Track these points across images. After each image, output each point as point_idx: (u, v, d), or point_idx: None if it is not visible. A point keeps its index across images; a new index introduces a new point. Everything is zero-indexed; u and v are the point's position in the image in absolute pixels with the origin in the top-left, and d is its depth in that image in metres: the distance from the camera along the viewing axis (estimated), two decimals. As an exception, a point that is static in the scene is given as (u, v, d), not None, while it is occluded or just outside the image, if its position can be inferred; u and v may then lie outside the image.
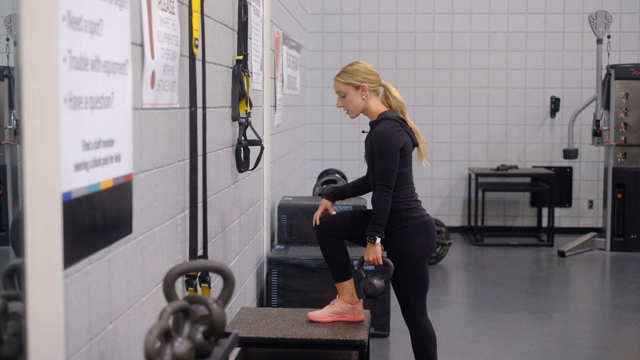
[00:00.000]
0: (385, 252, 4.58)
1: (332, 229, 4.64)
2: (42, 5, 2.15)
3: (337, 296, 4.68)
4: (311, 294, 5.98)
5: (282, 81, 7.54)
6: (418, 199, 4.61)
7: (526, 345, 6.02)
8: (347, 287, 4.66)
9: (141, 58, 3.13)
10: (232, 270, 2.68)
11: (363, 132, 4.80)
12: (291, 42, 8.33)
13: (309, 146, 10.65)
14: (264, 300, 6.27)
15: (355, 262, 5.84)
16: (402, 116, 4.56)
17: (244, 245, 5.51)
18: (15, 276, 2.39)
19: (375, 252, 4.44)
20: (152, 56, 3.24)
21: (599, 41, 9.57)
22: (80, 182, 2.45)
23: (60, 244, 2.28)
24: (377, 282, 4.53)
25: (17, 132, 3.79)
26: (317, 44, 10.74)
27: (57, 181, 2.26)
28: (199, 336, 2.49)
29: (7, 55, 3.81)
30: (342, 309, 4.63)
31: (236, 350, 4.77)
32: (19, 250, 2.13)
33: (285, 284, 6.10)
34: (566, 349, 5.97)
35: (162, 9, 3.37)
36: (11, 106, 3.89)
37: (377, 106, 4.56)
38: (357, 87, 4.52)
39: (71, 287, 2.43)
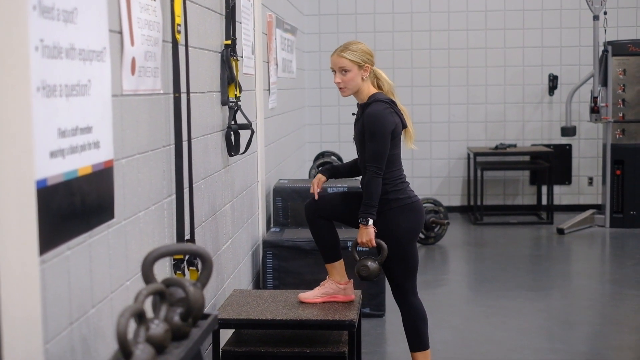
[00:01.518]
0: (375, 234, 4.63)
1: (322, 211, 4.68)
2: (10, -5, 2.18)
3: (328, 277, 4.71)
4: (306, 275, 6.02)
5: (276, 64, 7.56)
6: (406, 180, 4.64)
7: (521, 323, 6.05)
8: (338, 267, 4.70)
9: (120, 45, 3.16)
10: (209, 253, 2.72)
11: (353, 114, 4.82)
12: (285, 25, 8.34)
13: (307, 129, 10.66)
14: (260, 282, 6.31)
15: (349, 244, 5.88)
16: (392, 98, 4.58)
17: (238, 229, 5.55)
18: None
19: (369, 233, 4.47)
20: (132, 43, 3.26)
21: (596, 18, 9.57)
22: (56, 169, 2.48)
23: (36, 231, 2.32)
24: (371, 264, 4.55)
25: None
26: (313, 27, 10.75)
27: (31, 169, 2.29)
28: (176, 318, 2.53)
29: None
30: (332, 290, 4.67)
31: (230, 332, 4.82)
32: None
33: (280, 266, 6.14)
34: (561, 326, 6.01)
35: (141, -4, 3.39)
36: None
37: (369, 88, 4.58)
38: (360, 67, 4.54)
39: (49, 273, 2.47)
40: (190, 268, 3.86)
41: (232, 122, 5.08)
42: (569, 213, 10.41)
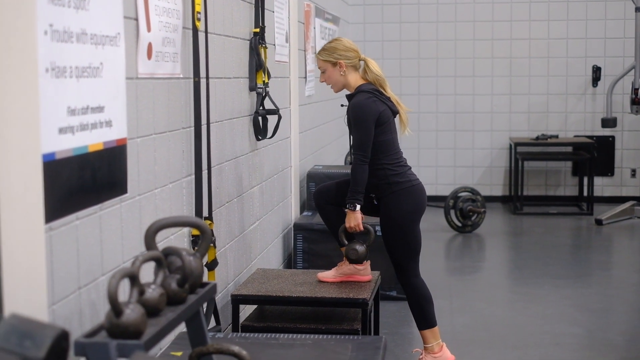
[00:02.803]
0: (379, 218, 4.82)
1: (329, 197, 4.89)
2: (18, -17, 2.39)
3: (344, 258, 4.89)
4: (334, 258, 6.15)
5: (314, 53, 7.72)
6: (406, 164, 4.80)
7: (544, 309, 6.16)
8: (352, 249, 4.88)
9: (136, 31, 3.36)
10: (206, 225, 2.90)
11: (342, 105, 5.06)
12: (326, 14, 8.51)
13: (350, 117, 10.79)
14: (291, 264, 6.51)
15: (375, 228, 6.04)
16: (379, 88, 4.74)
17: (267, 211, 5.75)
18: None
19: (356, 218, 4.69)
20: (148, 29, 3.47)
21: (638, 9, 9.55)
22: (65, 145, 2.69)
23: (41, 200, 2.52)
24: (360, 248, 4.79)
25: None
26: (358, 17, 10.89)
27: (37, 143, 2.50)
28: (173, 284, 2.72)
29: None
30: (349, 270, 4.84)
31: (252, 308, 5.02)
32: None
33: (310, 248, 6.33)
34: (583, 312, 6.09)
35: (160, -15, 3.59)
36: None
37: (356, 80, 4.78)
38: (334, 64, 4.75)
39: (56, 239, 2.67)
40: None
41: (260, 108, 5.27)
42: (611, 205, 10.36)
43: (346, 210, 4.70)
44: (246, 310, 5.07)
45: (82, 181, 2.84)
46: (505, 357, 5.19)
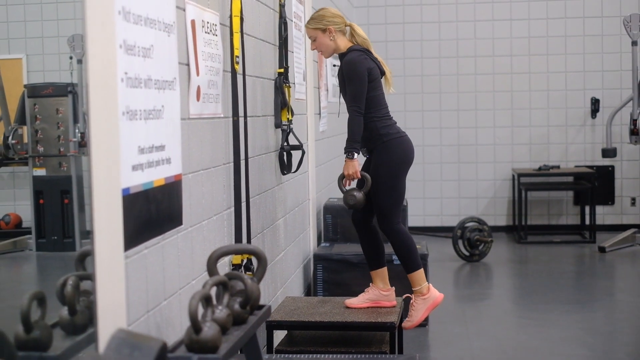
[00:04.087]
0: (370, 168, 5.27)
1: (364, 208, 5.26)
2: (103, 36, 2.68)
3: (371, 284, 5.16)
4: (354, 287, 6.43)
5: (327, 90, 8.03)
6: (393, 119, 5.31)
7: (557, 332, 6.42)
8: (381, 275, 5.18)
9: (187, 75, 3.66)
10: (264, 252, 3.17)
11: (334, 65, 5.44)
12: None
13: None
14: (311, 292, 6.77)
15: (393, 257, 6.31)
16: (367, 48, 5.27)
17: (290, 242, 6.02)
18: (85, 260, 2.91)
19: (354, 166, 5.18)
20: (197, 73, 3.76)
21: (634, 43, 9.89)
22: (137, 180, 2.98)
23: (121, 231, 2.80)
24: (357, 194, 5.22)
25: (81, 144, 4.02)
26: (363, 54, 11.21)
27: (118, 179, 2.78)
28: (236, 306, 2.99)
29: (71, 73, 4.09)
30: (375, 296, 5.12)
31: (282, 333, 5.27)
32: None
33: (330, 278, 6.59)
34: (595, 335, 6.35)
35: (205, 32, 3.89)
36: (75, 120, 4.19)
37: (345, 43, 5.31)
38: (324, 31, 5.26)
39: (131, 267, 2.95)
40: (247, 273, 4.33)
41: (285, 143, 5.56)
42: (612, 233, 10.63)
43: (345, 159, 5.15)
44: (275, 336, 5.31)
45: (149, 214, 3.12)
46: (523, 377, 5.45)
